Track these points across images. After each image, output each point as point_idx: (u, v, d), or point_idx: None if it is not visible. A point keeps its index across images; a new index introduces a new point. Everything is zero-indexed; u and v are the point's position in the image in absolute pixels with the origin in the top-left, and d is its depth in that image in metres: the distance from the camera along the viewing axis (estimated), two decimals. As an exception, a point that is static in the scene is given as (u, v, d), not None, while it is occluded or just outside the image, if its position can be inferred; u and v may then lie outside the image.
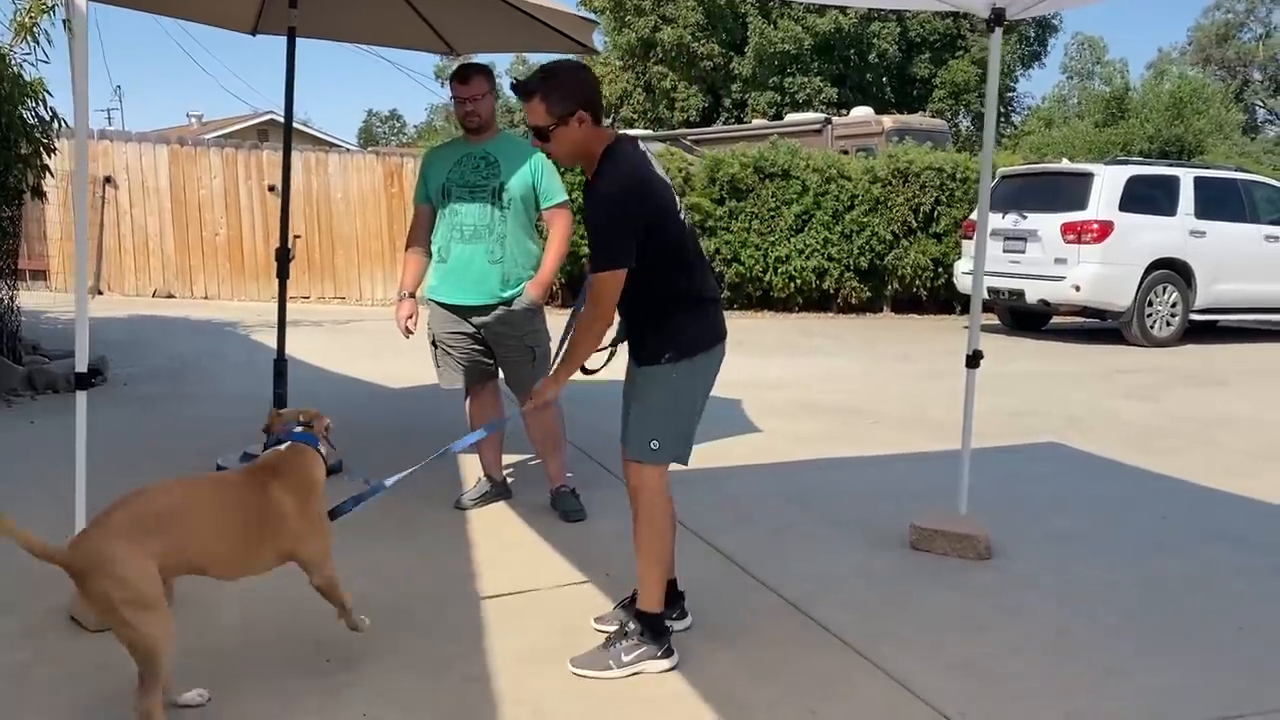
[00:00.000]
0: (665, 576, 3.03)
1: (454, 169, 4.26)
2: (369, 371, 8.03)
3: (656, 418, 2.96)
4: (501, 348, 4.34)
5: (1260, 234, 11.27)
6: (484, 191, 4.21)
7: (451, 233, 4.25)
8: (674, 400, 2.97)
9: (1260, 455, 5.78)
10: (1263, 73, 48.61)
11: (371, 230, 14.34)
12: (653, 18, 27.98)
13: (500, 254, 4.24)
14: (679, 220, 2.94)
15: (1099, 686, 2.85)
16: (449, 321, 4.34)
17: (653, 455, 2.96)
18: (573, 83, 2.85)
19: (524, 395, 4.45)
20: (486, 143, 4.30)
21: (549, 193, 4.32)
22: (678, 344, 2.93)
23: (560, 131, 2.84)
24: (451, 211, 4.25)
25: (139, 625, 2.36)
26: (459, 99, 4.25)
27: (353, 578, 3.57)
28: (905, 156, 13.90)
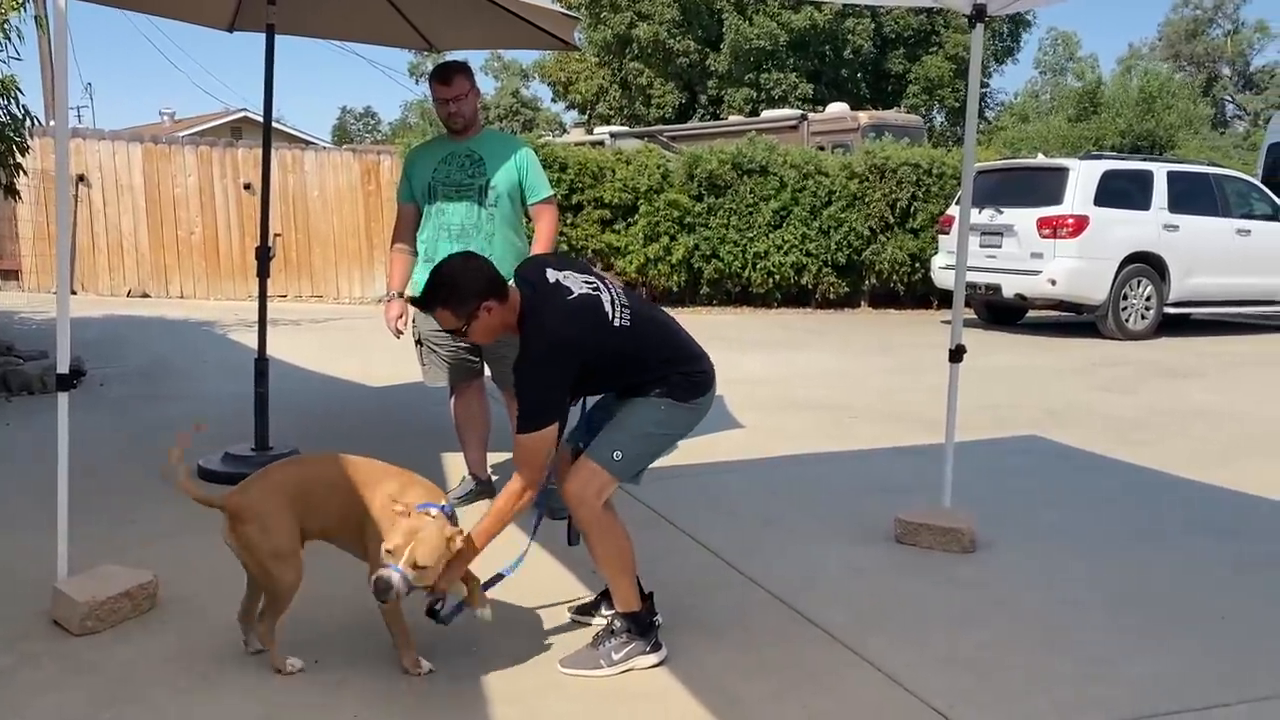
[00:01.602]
0: (634, 574, 3.00)
1: (439, 168, 4.24)
2: (350, 370, 7.99)
3: (630, 435, 2.93)
4: (488, 345, 4.33)
5: (1231, 227, 11.39)
6: (470, 190, 4.20)
7: (439, 232, 4.23)
8: (655, 427, 2.95)
9: (1236, 446, 5.85)
10: (1231, 68, 49.18)
11: (349, 228, 14.27)
12: (628, 14, 27.96)
13: (489, 252, 4.22)
14: (615, 333, 2.87)
15: (1086, 676, 2.88)
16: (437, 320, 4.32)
17: (610, 464, 2.91)
18: (464, 282, 2.84)
19: (510, 390, 4.45)
20: (470, 140, 4.28)
21: (535, 188, 4.32)
22: (670, 386, 2.94)
23: (474, 326, 2.86)
24: (438, 211, 4.23)
25: (272, 570, 2.80)
26: (441, 100, 4.23)
27: (337, 580, 3.56)
28: (882, 152, 13.95)
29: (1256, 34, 48.52)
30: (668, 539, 4.07)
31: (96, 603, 3.07)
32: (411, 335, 4.43)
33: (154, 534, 4.00)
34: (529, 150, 4.38)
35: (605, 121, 28.34)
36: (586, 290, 2.89)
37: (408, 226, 4.39)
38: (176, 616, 3.21)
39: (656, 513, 4.29)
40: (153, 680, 2.78)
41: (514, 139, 4.51)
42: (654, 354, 2.96)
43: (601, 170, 13.22)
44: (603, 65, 30.20)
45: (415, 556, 2.63)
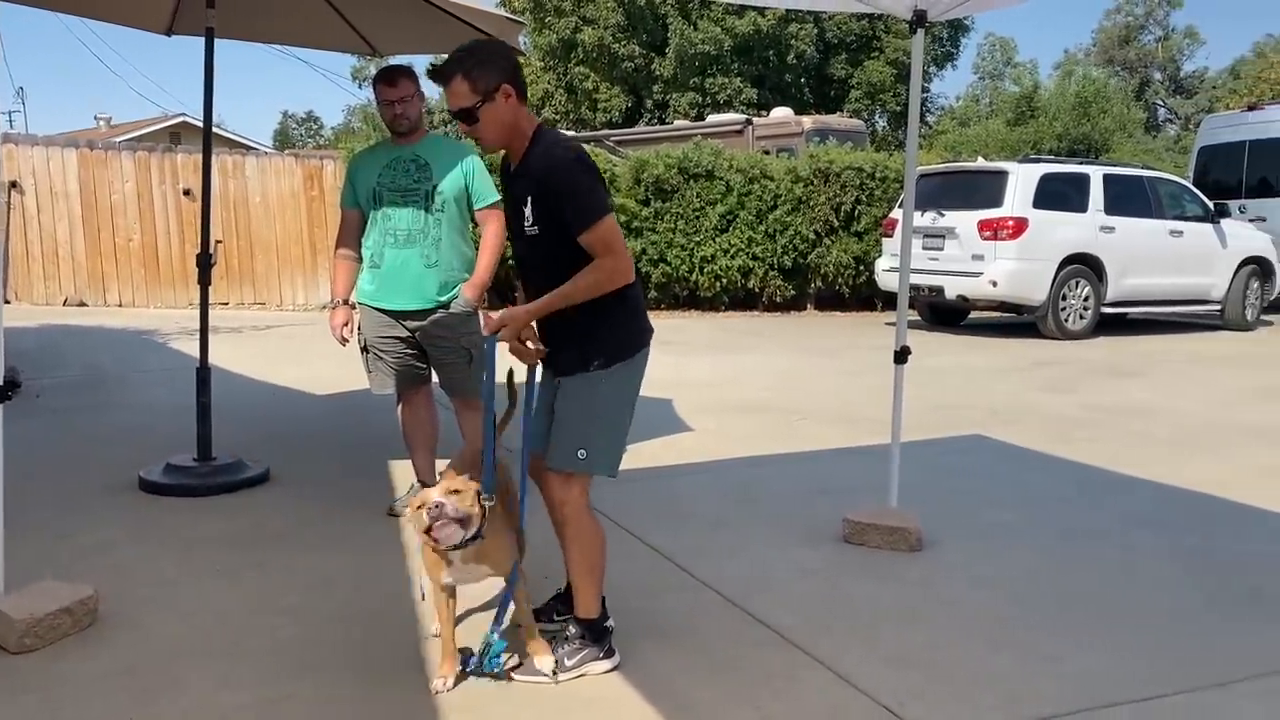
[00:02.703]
0: (602, 582, 2.99)
1: (384, 172, 4.20)
2: (294, 378, 7.89)
3: (584, 426, 2.86)
4: (437, 351, 4.30)
5: (1165, 228, 11.67)
6: (416, 195, 4.16)
7: (385, 237, 4.19)
8: (603, 408, 2.87)
9: (1174, 443, 5.99)
10: (1162, 73, 50.44)
11: (291, 234, 14.08)
12: (573, 19, 27.98)
13: (436, 257, 4.20)
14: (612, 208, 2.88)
15: (1033, 672, 2.93)
16: (383, 326, 4.28)
17: (580, 465, 2.86)
18: (494, 57, 2.73)
19: (459, 398, 4.43)
20: (416, 145, 4.25)
21: (482, 194, 4.30)
22: (606, 349, 2.83)
23: (487, 110, 2.71)
24: (384, 216, 4.19)
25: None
26: (387, 101, 4.19)
27: (287, 589, 3.52)
28: (826, 156, 14.10)
29: (1186, 40, 49.87)
30: (618, 542, 4.05)
31: (35, 619, 3.00)
32: (357, 343, 4.38)
33: (94, 548, 3.91)
34: (475, 155, 4.37)
35: (551, 125, 28.30)
36: None
37: (352, 233, 4.34)
38: (118, 632, 3.14)
39: (607, 516, 4.27)
40: (92, 698, 2.72)
41: (460, 144, 4.48)
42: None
43: (548, 175, 13.18)
44: (548, 69, 30.16)
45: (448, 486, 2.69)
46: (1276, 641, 3.14)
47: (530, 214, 2.78)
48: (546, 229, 2.76)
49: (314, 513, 4.46)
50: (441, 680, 2.81)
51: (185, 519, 4.32)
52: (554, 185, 2.71)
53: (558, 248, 2.75)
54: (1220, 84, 44.96)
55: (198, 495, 4.64)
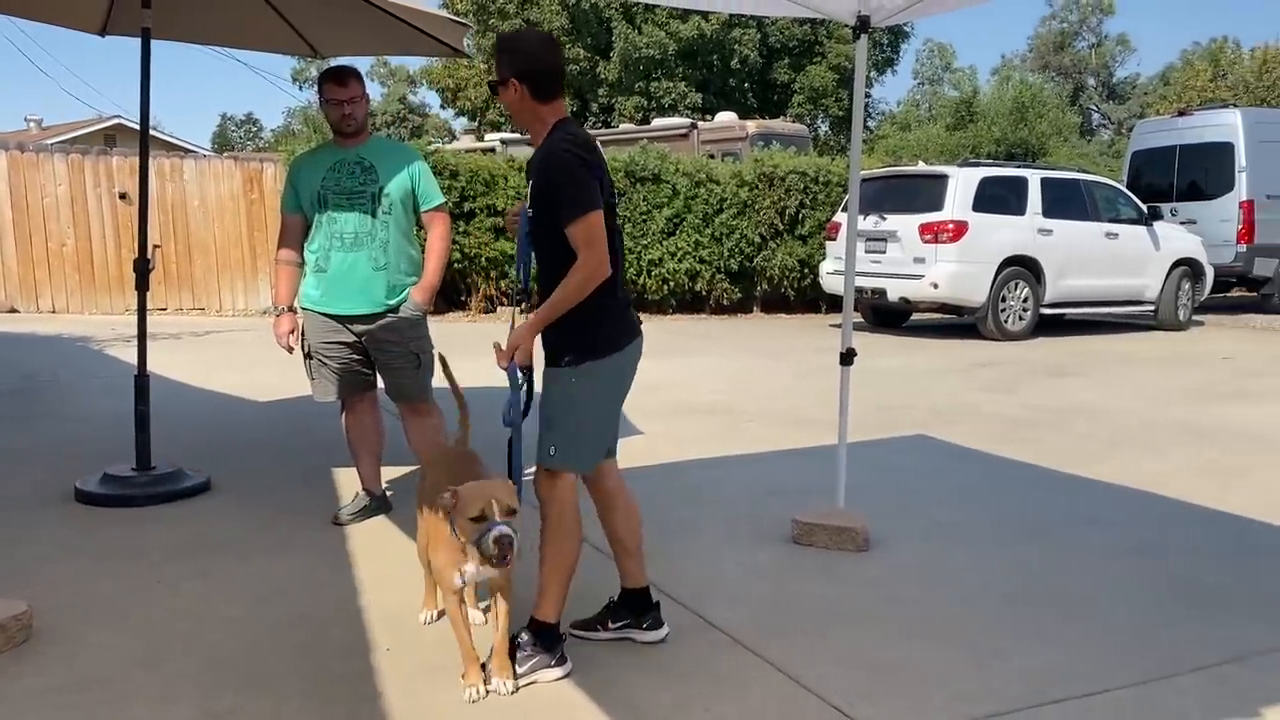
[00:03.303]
0: (566, 589, 2.99)
1: (328, 175, 4.14)
2: (235, 385, 7.75)
3: (554, 421, 2.93)
4: (385, 355, 4.25)
5: (1101, 231, 11.93)
6: (363, 197, 4.12)
7: (331, 241, 4.13)
8: (571, 406, 2.92)
9: (1111, 441, 6.12)
10: (1096, 79, 51.60)
11: (231, 238, 13.84)
12: (517, 21, 27.86)
13: (384, 260, 4.15)
14: (612, 212, 2.94)
15: (982, 669, 2.97)
16: (327, 331, 4.22)
17: (550, 461, 2.93)
18: (512, 51, 2.93)
19: (406, 403, 4.37)
20: (360, 147, 4.20)
21: (428, 196, 4.26)
22: (576, 346, 2.89)
23: (502, 93, 2.94)
24: (329, 219, 4.13)
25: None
26: (334, 101, 4.12)
27: (231, 600, 3.46)
28: (770, 161, 14.21)
29: (1118, 47, 51.07)
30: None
31: (-34, 637, 2.91)
32: (301, 349, 4.31)
33: (28, 561, 3.81)
34: (420, 157, 4.34)
35: (496, 128, 28.18)
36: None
37: (294, 237, 4.27)
38: (54, 647, 3.05)
39: (557, 522, 4.27)
40: (27, 717, 2.64)
41: (404, 146, 4.44)
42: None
43: (494, 177, 13.13)
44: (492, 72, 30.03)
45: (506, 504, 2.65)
46: (1216, 634, 3.22)
47: (529, 196, 2.92)
48: (540, 213, 2.89)
49: (257, 522, 4.38)
50: (473, 689, 2.77)
51: (124, 530, 4.22)
52: (549, 173, 2.84)
53: (550, 232, 2.86)
54: (1151, 90, 46.12)
55: (137, 505, 4.54)
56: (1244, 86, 29.95)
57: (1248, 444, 5.99)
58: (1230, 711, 2.70)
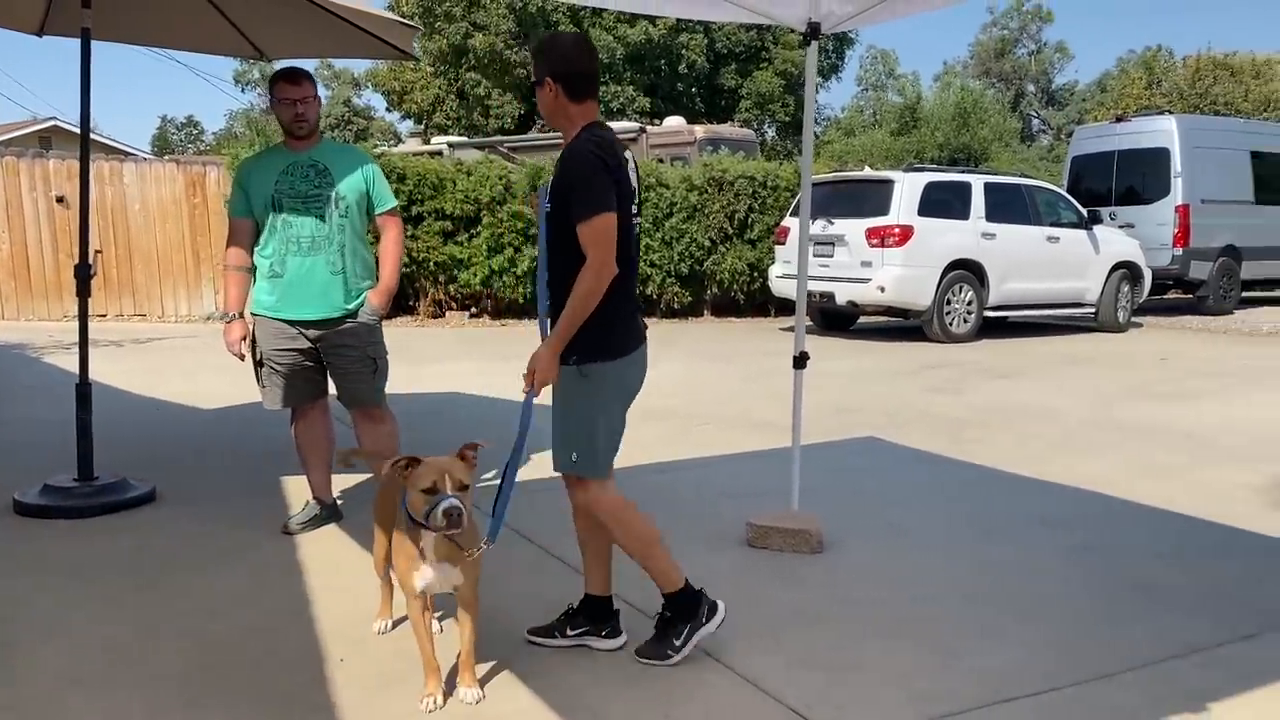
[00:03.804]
0: (667, 556, 3.06)
1: (281, 179, 4.07)
2: (179, 392, 7.60)
3: (568, 426, 2.97)
4: (342, 360, 4.19)
5: (1043, 235, 12.15)
6: (318, 201, 4.06)
7: (286, 245, 4.06)
8: (582, 407, 2.95)
9: (1054, 441, 6.23)
10: (1035, 85, 52.61)
11: (173, 243, 13.59)
12: (464, 24, 27.69)
13: (341, 264, 4.10)
14: (628, 217, 2.95)
15: (937, 669, 3.00)
16: (281, 338, 4.15)
17: (573, 467, 2.97)
18: (549, 52, 3.01)
19: (361, 409, 4.30)
20: (312, 150, 4.14)
21: (382, 199, 4.22)
22: (581, 347, 2.89)
23: (538, 92, 3.01)
24: (284, 224, 4.06)
25: None
26: (287, 101, 4.05)
27: (178, 613, 3.39)
28: (720, 165, 14.28)
29: (1057, 54, 52.12)
30: (525, 554, 4.04)
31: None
32: (252, 356, 4.23)
33: (-35, 577, 3.70)
34: (373, 160, 4.30)
35: (443, 131, 27.98)
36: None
37: (243, 242, 4.19)
38: (8, 659, 2.97)
39: (513, 529, 4.24)
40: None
41: (355, 149, 4.39)
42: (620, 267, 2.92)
43: (442, 181, 13.04)
44: (438, 75, 29.80)
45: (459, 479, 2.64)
46: (1163, 631, 3.29)
47: (548, 191, 2.96)
48: (557, 209, 2.93)
49: (204, 532, 4.30)
50: (430, 698, 2.74)
51: (67, 542, 4.12)
52: (567, 171, 2.90)
53: (567, 229, 2.88)
54: (1089, 96, 47.10)
55: (80, 517, 4.43)
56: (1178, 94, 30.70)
57: (1187, 443, 6.13)
58: (1178, 707, 2.76)
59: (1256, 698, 2.83)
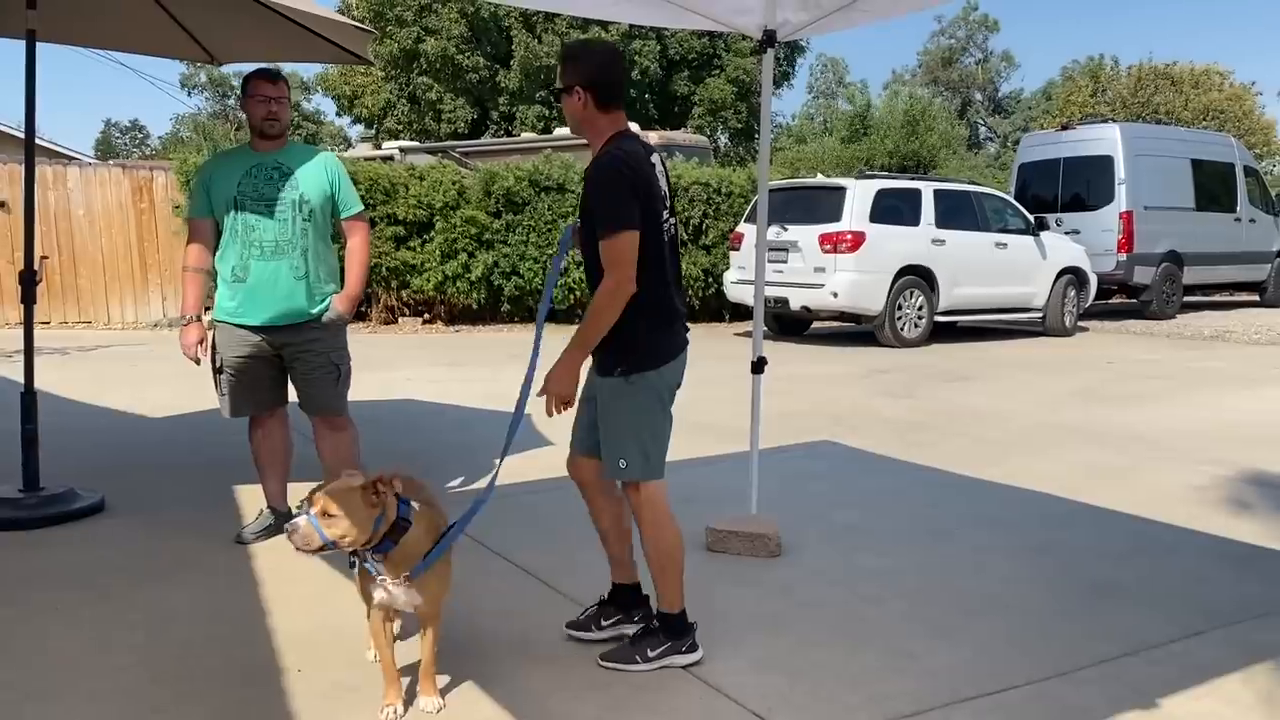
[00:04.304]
0: (681, 578, 3.09)
1: (244, 180, 3.99)
2: (127, 401, 7.47)
3: (618, 435, 3.00)
4: (305, 367, 4.12)
5: (991, 241, 12.35)
6: (282, 204, 3.99)
7: (249, 249, 3.98)
8: (633, 416, 3.00)
9: (1005, 443, 6.33)
10: (982, 93, 53.45)
11: (119, 249, 13.34)
12: (415, 29, 27.53)
13: (305, 269, 4.04)
14: (660, 225, 2.97)
15: (894, 670, 3.04)
16: (244, 345, 4.06)
17: (623, 474, 3.01)
18: (580, 60, 2.99)
19: (322, 417, 4.23)
20: (277, 152, 4.07)
21: (348, 203, 4.17)
22: (628, 358, 2.95)
23: (565, 100, 2.99)
24: (246, 227, 3.98)
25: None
26: (264, 99, 3.99)
27: (131, 626, 3.33)
28: (674, 172, 14.32)
29: (1003, 63, 53.03)
30: (483, 562, 4.02)
31: None
32: (211, 364, 4.15)
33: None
34: (339, 162, 4.24)
35: (394, 136, 27.77)
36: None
37: (203, 244, 4.11)
38: (-61, 682, 2.89)
39: (470, 536, 4.21)
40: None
41: (321, 151, 4.31)
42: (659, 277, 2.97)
43: (394, 186, 12.96)
44: (390, 79, 29.58)
45: (323, 505, 2.59)
46: (1114, 629, 3.35)
47: (580, 205, 2.99)
48: (586, 221, 2.97)
49: (156, 542, 4.23)
50: (390, 709, 2.72)
51: (13, 554, 4.03)
52: (593, 184, 2.92)
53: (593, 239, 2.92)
54: (1035, 105, 47.99)
55: (26, 528, 4.33)
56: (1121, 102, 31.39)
57: (1133, 444, 6.26)
58: (1130, 703, 2.82)
59: (1203, 692, 2.90)
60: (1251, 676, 3.00)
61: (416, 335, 12.96)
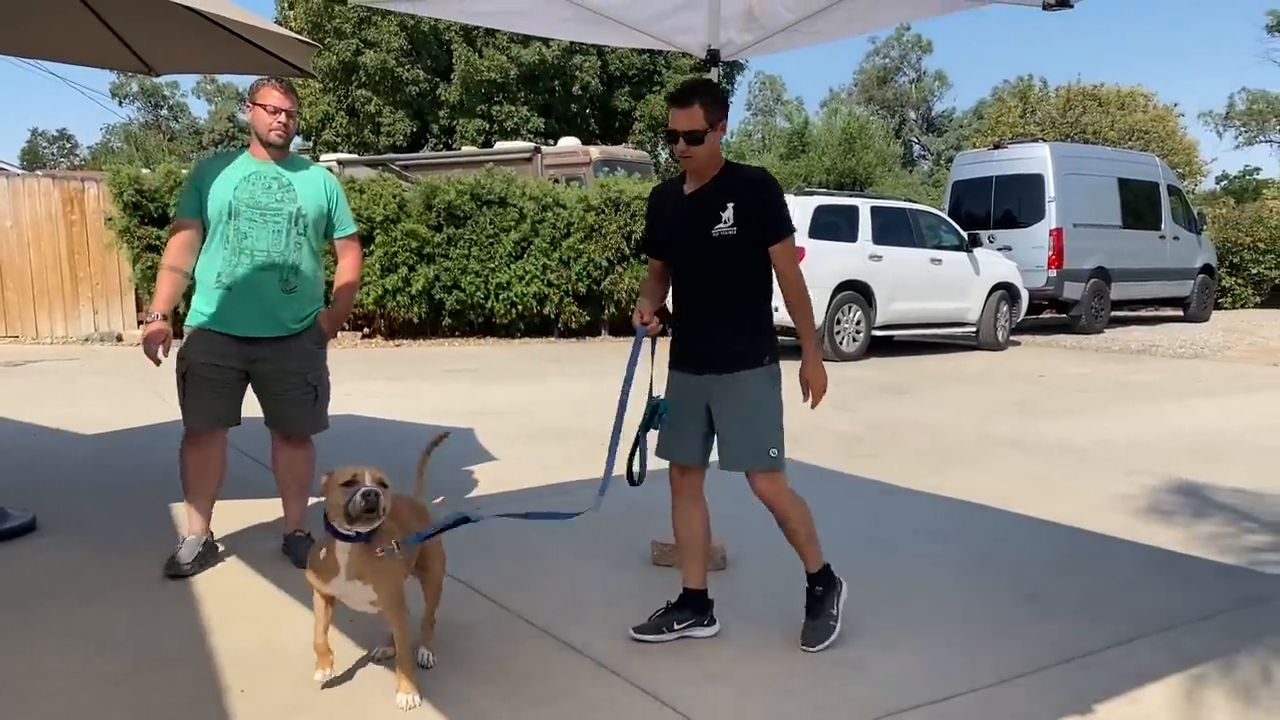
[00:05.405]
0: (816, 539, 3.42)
1: (242, 186, 3.88)
2: (58, 418, 7.28)
3: (769, 423, 3.28)
4: (280, 385, 4.01)
5: (927, 257, 12.58)
6: (279, 215, 3.91)
7: (241, 257, 3.87)
8: (778, 404, 3.29)
9: (944, 455, 6.45)
10: (916, 112, 54.47)
11: (48, 262, 13.02)
12: (354, 41, 27.30)
13: (295, 283, 3.96)
14: None
15: (841, 679, 3.08)
16: (216, 354, 3.91)
17: (771, 463, 3.24)
18: (721, 96, 3.27)
19: (289, 434, 4.12)
20: (277, 163, 3.97)
21: (343, 221, 4.12)
22: (772, 346, 3.31)
23: (711, 136, 3.19)
24: (238, 234, 3.87)
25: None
26: (274, 109, 3.88)
27: (65, 649, 3.25)
28: (616, 186, 14.39)
29: (936, 82, 54.11)
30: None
31: None
32: (176, 368, 3.96)
33: None
34: (337, 180, 4.17)
35: (332, 149, 27.48)
36: None
37: (186, 243, 3.93)
38: None
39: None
40: None
41: (320, 167, 4.20)
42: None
43: (335, 200, 12.81)
44: (328, 91, 29.27)
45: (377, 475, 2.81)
46: (1051, 637, 3.44)
47: (731, 216, 3.20)
48: (743, 230, 3.20)
49: (90, 562, 4.13)
50: (322, 674, 2.93)
51: (-62, 577, 3.91)
52: (763, 196, 3.22)
53: (746, 246, 3.22)
54: (967, 123, 48.98)
55: (-48, 550, 4.20)
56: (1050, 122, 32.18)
57: (1065, 455, 6.42)
58: (1068, 708, 2.90)
59: (1137, 696, 2.99)
60: (1183, 681, 3.10)
61: (356, 349, 12.82)
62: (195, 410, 4.00)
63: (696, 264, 3.31)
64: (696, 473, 3.48)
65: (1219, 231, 20.68)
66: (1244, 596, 3.86)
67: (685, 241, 3.32)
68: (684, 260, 3.36)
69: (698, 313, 3.36)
